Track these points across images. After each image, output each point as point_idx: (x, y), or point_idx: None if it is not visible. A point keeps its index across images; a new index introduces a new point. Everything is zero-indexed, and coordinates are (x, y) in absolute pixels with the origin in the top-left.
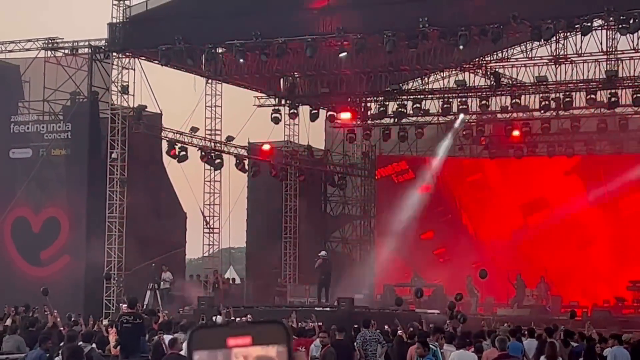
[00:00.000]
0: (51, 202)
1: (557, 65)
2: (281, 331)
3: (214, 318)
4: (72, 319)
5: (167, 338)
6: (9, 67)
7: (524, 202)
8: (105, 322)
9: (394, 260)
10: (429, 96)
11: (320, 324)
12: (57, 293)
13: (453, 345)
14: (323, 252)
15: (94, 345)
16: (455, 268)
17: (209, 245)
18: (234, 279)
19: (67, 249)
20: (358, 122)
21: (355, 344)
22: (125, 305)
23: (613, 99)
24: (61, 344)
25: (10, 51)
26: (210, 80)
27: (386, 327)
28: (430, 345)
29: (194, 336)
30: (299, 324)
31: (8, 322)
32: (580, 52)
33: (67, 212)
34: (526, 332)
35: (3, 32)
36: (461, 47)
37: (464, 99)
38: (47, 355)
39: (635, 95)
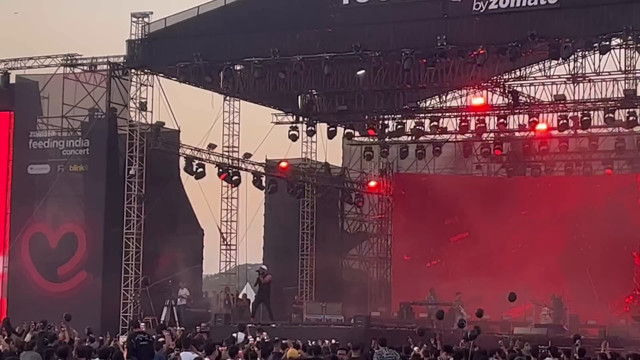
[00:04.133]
0: (69, 218)
1: (575, 84)
2: None
3: (234, 335)
4: (89, 334)
5: (183, 356)
6: (28, 83)
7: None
8: (123, 338)
9: (411, 278)
10: (447, 114)
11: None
12: (74, 309)
13: None
14: (265, 267)
15: None
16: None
17: (226, 261)
18: (245, 295)
19: (84, 264)
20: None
21: None
22: (143, 323)
23: (631, 118)
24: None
25: (29, 67)
26: (228, 97)
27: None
28: None
29: None
30: (313, 342)
31: (27, 337)
32: (598, 71)
33: (84, 228)
34: (548, 351)
35: (22, 49)
36: (479, 65)
37: (481, 117)
38: None
39: None
